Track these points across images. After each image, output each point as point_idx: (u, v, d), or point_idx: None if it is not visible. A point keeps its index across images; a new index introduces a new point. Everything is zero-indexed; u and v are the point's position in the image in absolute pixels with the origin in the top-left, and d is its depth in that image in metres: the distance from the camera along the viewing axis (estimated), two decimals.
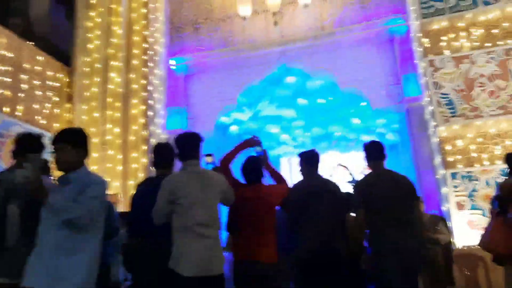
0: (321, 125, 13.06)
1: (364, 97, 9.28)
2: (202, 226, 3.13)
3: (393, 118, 12.43)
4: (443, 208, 7.81)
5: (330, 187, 4.49)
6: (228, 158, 4.19)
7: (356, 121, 12.79)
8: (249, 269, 3.64)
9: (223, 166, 4.04)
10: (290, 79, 10.66)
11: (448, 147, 7.69)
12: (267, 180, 4.45)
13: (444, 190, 7.74)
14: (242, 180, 4.20)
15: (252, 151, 4.42)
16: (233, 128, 12.89)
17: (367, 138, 14.20)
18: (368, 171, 4.67)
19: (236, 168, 4.31)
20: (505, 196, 4.72)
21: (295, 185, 4.59)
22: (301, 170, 4.68)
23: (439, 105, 7.73)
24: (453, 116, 7.62)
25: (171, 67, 10.22)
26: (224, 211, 4.38)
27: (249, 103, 11.43)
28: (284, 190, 4.28)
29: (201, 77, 10.20)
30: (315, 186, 4.44)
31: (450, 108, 7.65)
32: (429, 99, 8.02)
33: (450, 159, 7.64)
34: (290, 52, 9.77)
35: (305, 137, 13.95)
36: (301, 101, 11.68)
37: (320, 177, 4.59)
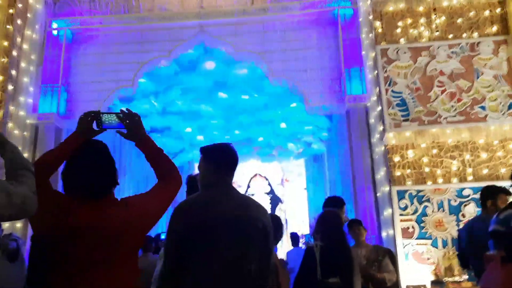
0: (243, 128, 11.17)
1: (296, 92, 7.51)
2: None
3: (323, 125, 10.92)
4: (384, 235, 6.22)
5: (253, 213, 2.38)
6: (47, 160, 2.02)
7: (282, 125, 11.09)
8: None
9: (38, 172, 1.82)
10: (210, 65, 8.61)
11: (396, 158, 6.13)
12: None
13: (387, 212, 6.14)
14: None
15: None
16: None
17: (292, 146, 12.62)
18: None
19: None
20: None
21: (183, 204, 2.39)
22: (201, 177, 2.59)
23: (390, 105, 6.19)
24: (405, 120, 6.11)
25: (52, 32, 7.69)
26: None
27: (156, 91, 9.19)
28: (160, 207, 2.19)
29: (90, 49, 7.76)
30: (221, 208, 2.33)
31: (402, 110, 6.13)
32: (376, 98, 6.45)
33: (397, 173, 6.09)
34: (210, 28, 7.72)
35: (224, 141, 11.97)
36: (222, 95, 9.70)
37: (234, 192, 2.51)
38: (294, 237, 8.71)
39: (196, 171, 2.66)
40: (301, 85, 7.41)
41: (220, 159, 2.44)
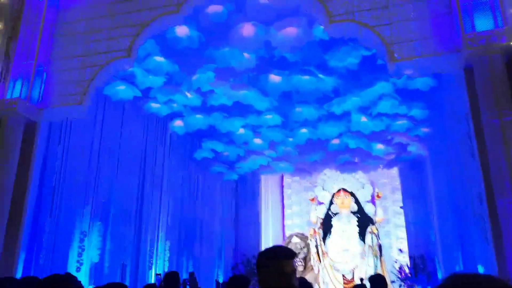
0: (309, 125, 8.04)
1: (372, 41, 4.28)
2: None
3: (421, 114, 7.33)
4: None
5: None
6: None
7: (362, 119, 7.73)
8: None
9: None
10: (247, 30, 5.74)
11: None
12: None
13: None
14: None
15: None
16: (178, 124, 8.03)
17: (380, 147, 9.04)
18: None
19: None
20: None
21: None
22: None
23: None
24: None
25: None
26: None
27: (178, 71, 6.49)
28: None
29: (79, 11, 5.40)
30: None
31: None
32: None
33: None
34: None
35: (288, 145, 8.94)
36: (273, 78, 6.73)
37: None
38: None
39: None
40: (381, 30, 4.18)
41: None
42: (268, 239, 11.91)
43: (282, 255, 1.83)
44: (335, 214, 12.57)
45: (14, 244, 4.74)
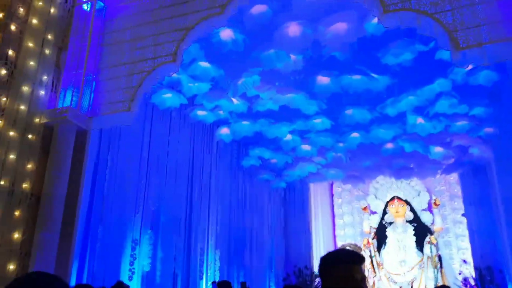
0: (361, 128, 7.67)
1: (438, 31, 3.91)
2: None
3: (484, 113, 6.75)
4: None
5: None
6: None
7: (419, 121, 7.25)
8: None
9: None
10: (294, 29, 5.53)
11: None
12: None
13: None
14: None
15: None
16: (224, 132, 7.92)
17: (439, 150, 8.45)
18: None
19: None
20: None
21: None
22: None
23: None
24: None
25: (83, 6, 5.59)
26: None
27: (224, 76, 6.38)
28: None
29: (124, 22, 5.43)
30: None
31: None
32: None
33: None
34: None
35: (339, 150, 8.57)
36: (321, 79, 6.47)
37: None
38: None
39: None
40: (441, 17, 3.81)
41: None
42: (319, 250, 11.47)
43: (352, 259, 1.59)
44: (390, 223, 11.90)
45: (67, 252, 4.75)
